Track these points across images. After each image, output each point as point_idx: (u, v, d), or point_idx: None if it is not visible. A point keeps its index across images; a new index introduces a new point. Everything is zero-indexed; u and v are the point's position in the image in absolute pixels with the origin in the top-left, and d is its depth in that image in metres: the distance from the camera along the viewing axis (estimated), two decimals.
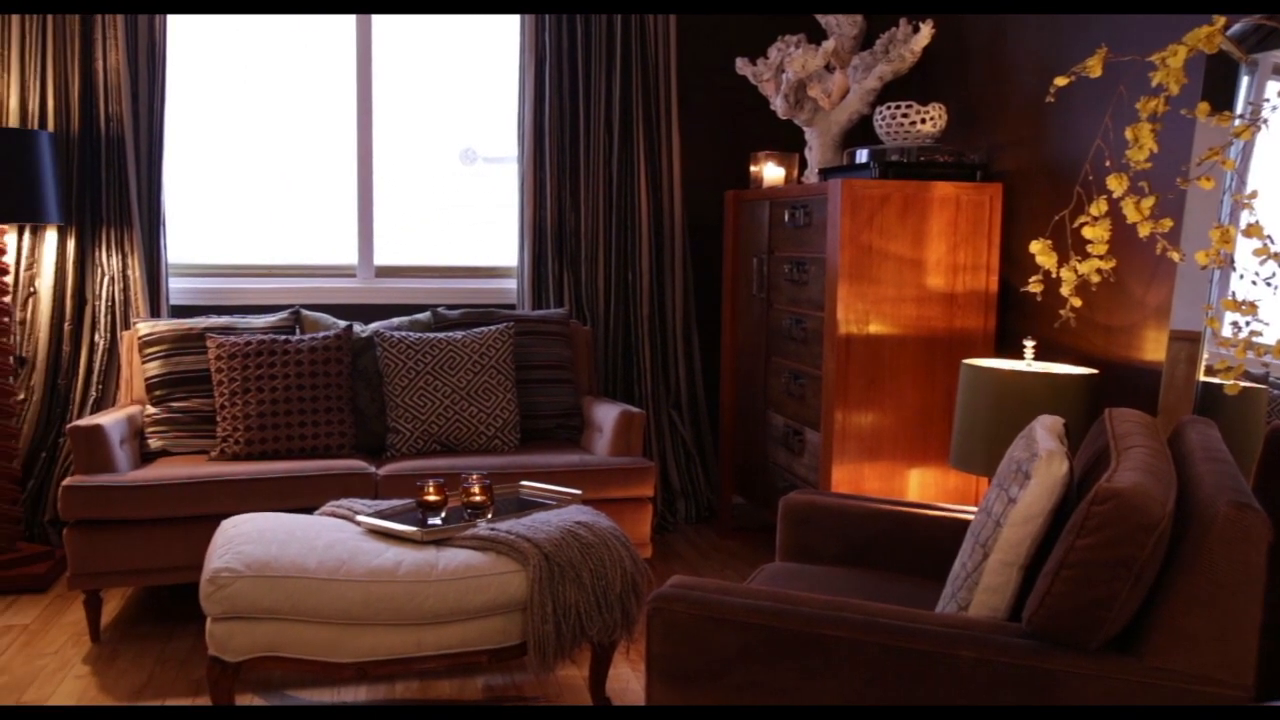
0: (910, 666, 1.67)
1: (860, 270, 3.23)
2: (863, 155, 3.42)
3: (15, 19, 3.70)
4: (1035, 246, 2.50)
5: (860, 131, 3.99)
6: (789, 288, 3.68)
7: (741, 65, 3.98)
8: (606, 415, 3.64)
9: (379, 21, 4.21)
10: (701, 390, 4.48)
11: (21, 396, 3.80)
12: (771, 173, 4.11)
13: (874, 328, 3.26)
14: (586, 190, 4.25)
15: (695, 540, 4.23)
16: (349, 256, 4.29)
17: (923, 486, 3.35)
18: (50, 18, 3.71)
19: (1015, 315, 3.33)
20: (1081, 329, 3.00)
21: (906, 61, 3.66)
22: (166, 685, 2.85)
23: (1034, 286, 2.53)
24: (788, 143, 4.36)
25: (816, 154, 3.92)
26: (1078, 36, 3.06)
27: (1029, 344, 2.88)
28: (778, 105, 3.90)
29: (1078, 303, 2.53)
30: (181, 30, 4.04)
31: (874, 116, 3.53)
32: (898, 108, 3.43)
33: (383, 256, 4.32)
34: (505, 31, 4.32)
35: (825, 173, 3.65)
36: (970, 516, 2.48)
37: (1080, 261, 2.43)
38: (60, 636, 3.18)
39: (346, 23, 4.19)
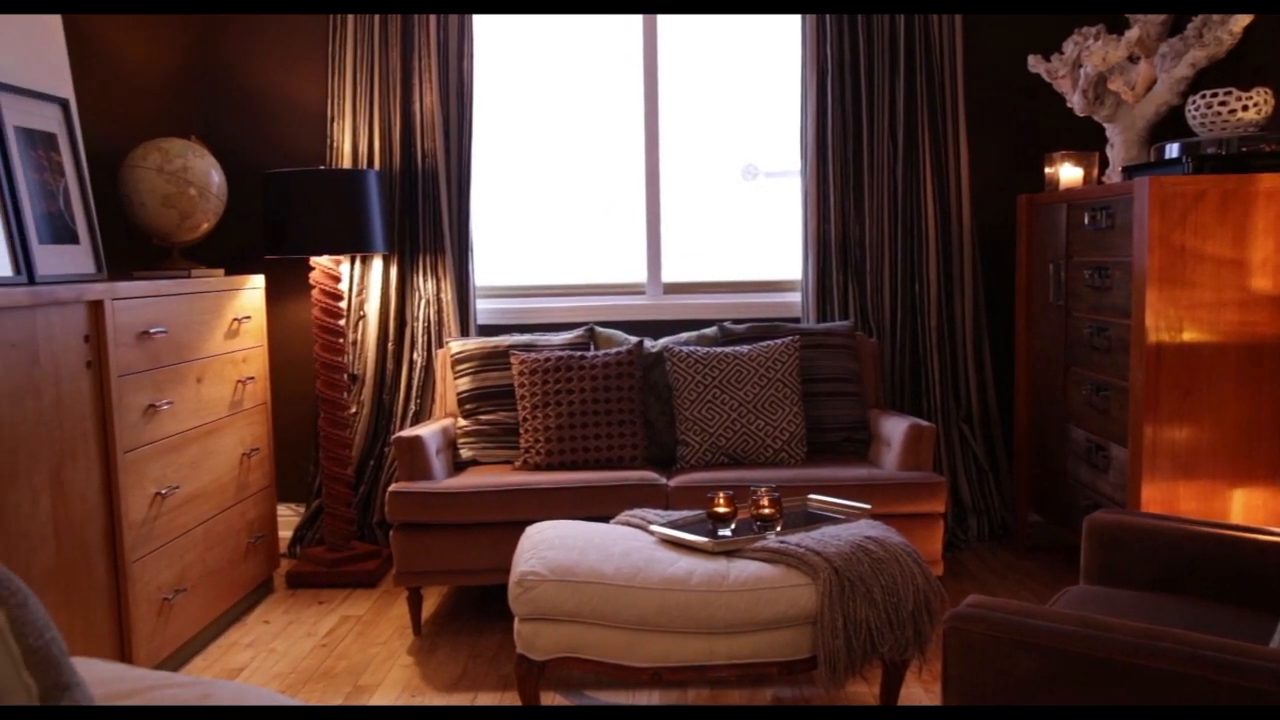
0: (1242, 708, 1.54)
1: (1172, 273, 3.00)
2: (1173, 150, 3.18)
3: (349, 74, 4.12)
4: None
5: (1169, 124, 3.71)
6: (1090, 294, 3.47)
7: (1034, 62, 3.81)
8: (895, 429, 3.57)
9: (663, 45, 4.36)
10: (994, 403, 4.30)
11: (354, 410, 4.21)
12: (1068, 173, 3.90)
13: (1188, 335, 3.02)
14: (870, 200, 4.20)
15: (988, 559, 4.07)
16: (638, 275, 4.46)
17: (1249, 509, 3.06)
18: (376, 67, 4.11)
19: None
20: None
21: (1224, 44, 3.37)
22: (479, 679, 3.07)
23: None
24: (1085, 141, 4.11)
25: (1119, 151, 3.68)
26: None
27: None
28: (1075, 102, 3.70)
29: None
30: (485, 66, 4.35)
31: (1186, 107, 3.28)
32: (1214, 95, 3.16)
33: (670, 273, 4.46)
34: (785, 47, 4.35)
35: (1130, 170, 3.42)
36: None
37: None
38: (388, 628, 3.50)
39: (633, 48, 4.37)
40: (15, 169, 2.82)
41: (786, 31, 4.34)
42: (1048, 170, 3.97)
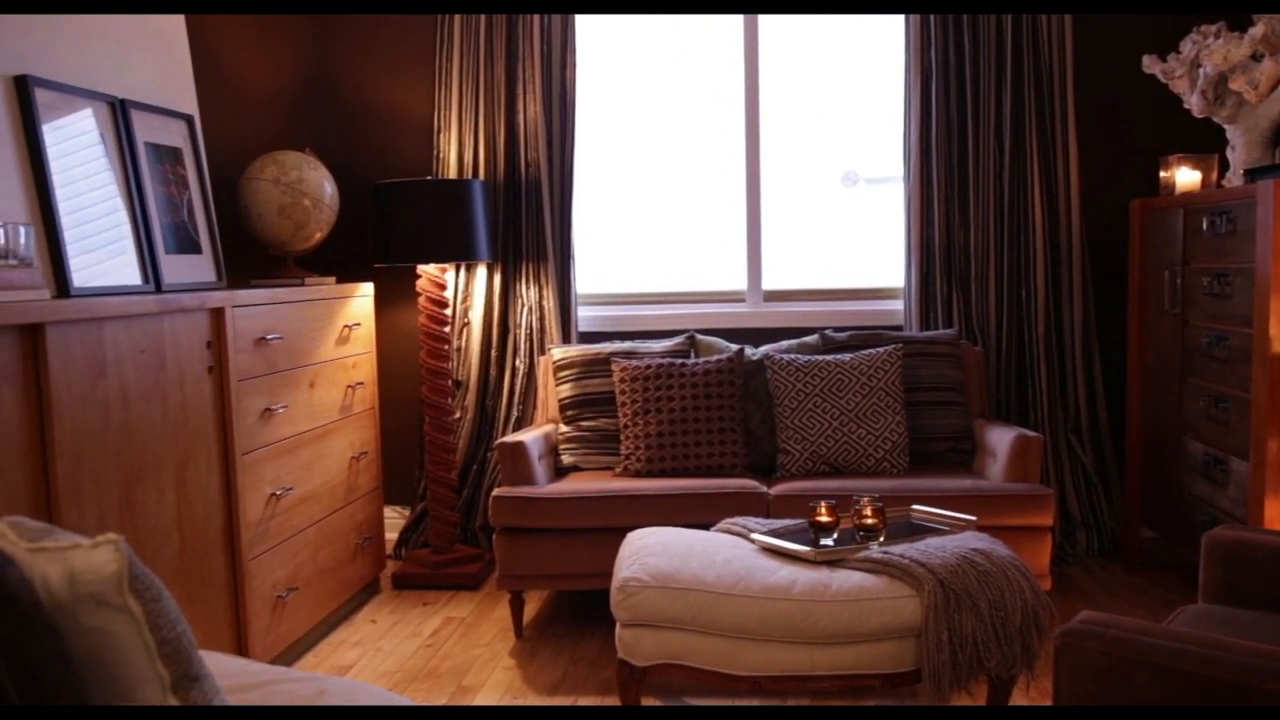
0: None
1: None
2: None
3: (455, 87, 4.22)
4: None
5: None
6: (1208, 302, 3.35)
7: (1149, 63, 3.70)
8: (1001, 439, 3.50)
9: (764, 50, 4.35)
10: (1104, 414, 4.18)
11: (458, 415, 4.30)
12: (1185, 177, 3.77)
13: None
14: (976, 207, 4.13)
15: (1098, 575, 3.95)
16: (739, 282, 4.45)
17: None
18: (482, 79, 4.20)
19: None
20: None
21: None
22: (579, 683, 3.10)
23: None
24: (1203, 143, 3.97)
25: (1241, 153, 3.55)
26: None
27: None
28: (1193, 103, 3.58)
29: None
30: (586, 74, 4.40)
31: None
32: None
33: (770, 281, 4.44)
34: (888, 51, 4.31)
35: (1252, 173, 3.29)
36: None
37: None
38: (490, 630, 3.56)
39: (734, 53, 4.37)
40: (145, 183, 2.96)
41: (890, 34, 4.30)
42: (1163, 174, 3.85)
